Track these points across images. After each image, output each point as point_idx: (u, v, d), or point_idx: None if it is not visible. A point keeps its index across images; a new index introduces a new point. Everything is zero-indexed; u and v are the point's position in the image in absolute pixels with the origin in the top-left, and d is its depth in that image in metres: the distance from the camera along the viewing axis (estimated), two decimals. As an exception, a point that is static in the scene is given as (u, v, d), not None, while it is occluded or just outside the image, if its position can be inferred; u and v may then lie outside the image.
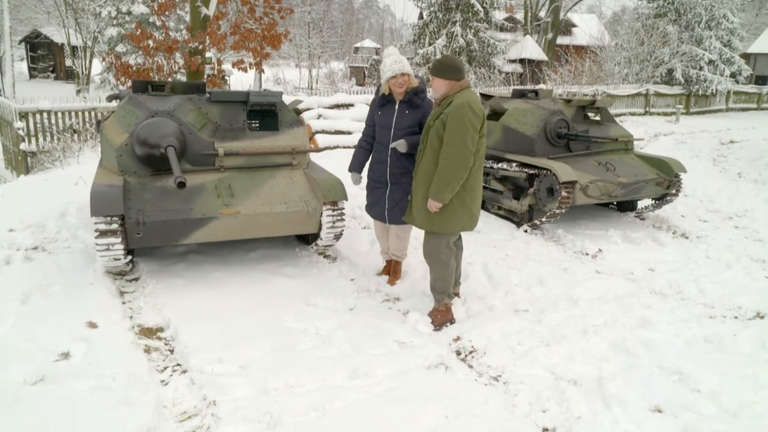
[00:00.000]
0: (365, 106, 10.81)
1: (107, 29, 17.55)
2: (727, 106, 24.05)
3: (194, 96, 4.87)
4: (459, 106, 3.45)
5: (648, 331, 3.88)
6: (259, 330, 3.65)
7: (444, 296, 3.82)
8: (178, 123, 4.54)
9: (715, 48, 22.47)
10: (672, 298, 4.52)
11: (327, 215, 4.60)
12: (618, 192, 5.91)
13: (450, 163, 3.45)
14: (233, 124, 4.89)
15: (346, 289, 4.41)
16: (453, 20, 21.80)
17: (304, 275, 4.60)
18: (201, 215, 4.19)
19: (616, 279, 4.86)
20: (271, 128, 5.16)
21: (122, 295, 4.18)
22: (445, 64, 3.59)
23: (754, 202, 7.86)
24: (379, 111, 4.19)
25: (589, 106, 6.71)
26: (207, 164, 4.62)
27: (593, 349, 3.59)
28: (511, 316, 4.03)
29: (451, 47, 21.33)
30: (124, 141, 4.41)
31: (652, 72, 22.31)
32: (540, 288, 4.58)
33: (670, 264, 5.27)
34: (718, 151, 12.79)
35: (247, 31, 12.40)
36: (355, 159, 4.40)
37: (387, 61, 4.04)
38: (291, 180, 4.79)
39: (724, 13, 22.82)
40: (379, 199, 4.29)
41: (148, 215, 4.06)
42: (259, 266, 4.72)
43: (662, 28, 21.77)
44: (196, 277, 4.43)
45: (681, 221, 6.76)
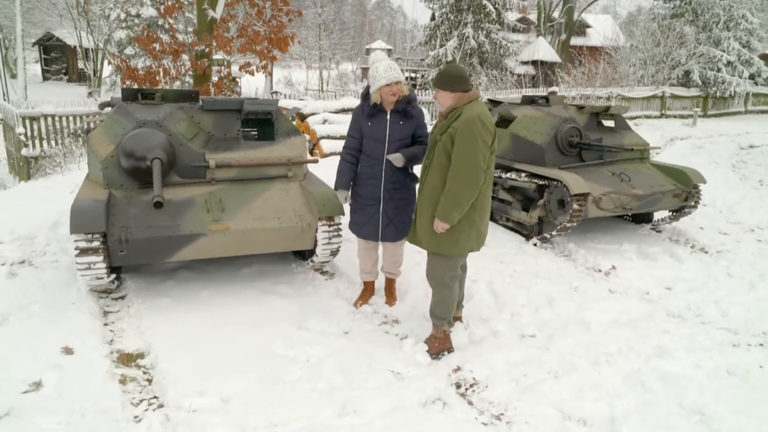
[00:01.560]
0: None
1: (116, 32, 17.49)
2: (745, 109, 23.48)
3: (186, 104, 4.65)
4: (469, 120, 3.18)
5: (665, 361, 3.58)
6: (246, 357, 3.42)
7: (444, 322, 3.56)
8: (167, 133, 4.32)
9: (734, 49, 21.91)
10: (691, 321, 4.22)
11: (323, 231, 4.36)
12: (633, 204, 5.60)
13: (459, 182, 3.18)
14: (227, 134, 4.66)
15: (342, 310, 4.16)
16: (465, 21, 21.49)
17: (298, 294, 4.36)
18: (188, 232, 3.97)
19: (630, 299, 4.56)
20: (266, 138, 4.94)
21: (105, 315, 3.97)
22: (451, 75, 3.33)
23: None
24: (368, 122, 3.89)
25: (602, 113, 6.40)
26: (197, 176, 4.39)
27: (605, 383, 3.31)
28: (517, 343, 3.75)
29: (462, 49, 21.03)
30: (110, 153, 4.20)
31: (669, 74, 21.81)
32: (549, 310, 4.29)
33: (689, 282, 4.96)
34: (738, 157, 12.36)
35: (254, 34, 12.23)
36: (341, 176, 4.00)
37: (379, 67, 3.77)
38: (286, 193, 4.55)
39: (743, 14, 22.26)
40: (370, 218, 3.99)
41: (132, 232, 3.85)
42: (251, 284, 4.49)
43: (679, 28, 21.27)
44: (183, 297, 4.21)
45: (700, 234, 6.42)
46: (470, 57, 21.39)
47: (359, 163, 3.99)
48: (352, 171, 4.00)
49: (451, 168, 3.22)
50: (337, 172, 4.02)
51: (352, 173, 4.00)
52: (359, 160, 4.00)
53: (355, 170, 4.01)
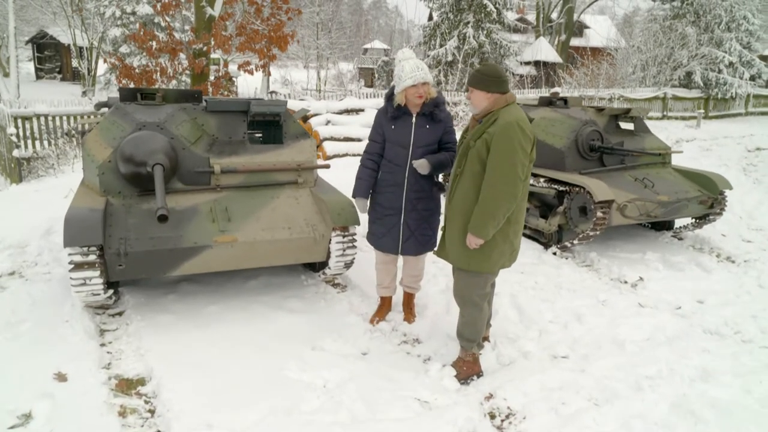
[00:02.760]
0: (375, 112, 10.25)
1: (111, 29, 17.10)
2: (746, 110, 23.33)
3: (188, 105, 4.34)
4: (507, 125, 2.89)
5: (711, 385, 3.30)
6: (257, 383, 3.11)
7: (473, 345, 3.26)
8: (169, 136, 4.01)
9: (735, 50, 21.75)
10: (731, 339, 3.94)
11: (336, 242, 4.05)
12: (658, 212, 5.33)
13: (496, 193, 2.89)
14: (232, 137, 4.35)
15: (358, 328, 3.85)
16: (465, 21, 21.19)
17: (310, 310, 4.05)
18: (193, 244, 3.66)
19: (662, 314, 4.28)
20: (274, 141, 4.63)
21: (102, 334, 3.66)
22: (488, 74, 3.03)
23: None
24: (392, 125, 3.60)
25: (622, 115, 6.13)
26: (201, 183, 4.08)
27: (652, 412, 3.02)
28: (550, 365, 3.46)
29: (463, 49, 20.75)
30: (107, 157, 3.89)
31: (670, 75, 21.62)
32: (578, 326, 4.01)
33: (721, 295, 4.69)
34: (747, 160, 12.14)
35: (253, 32, 11.90)
36: (360, 183, 3.70)
37: (406, 67, 3.47)
38: (296, 200, 4.25)
39: (744, 15, 22.10)
40: (390, 229, 3.69)
41: (132, 245, 3.53)
42: (258, 298, 4.18)
43: (681, 29, 21.08)
44: (186, 313, 3.90)
45: (723, 241, 6.16)
46: (470, 57, 21.11)
47: (380, 169, 3.70)
48: (372, 178, 3.70)
49: (486, 177, 2.93)
50: (356, 179, 3.72)
51: (372, 180, 3.71)
52: (380, 166, 3.70)
53: (376, 177, 3.71)
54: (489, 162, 2.92)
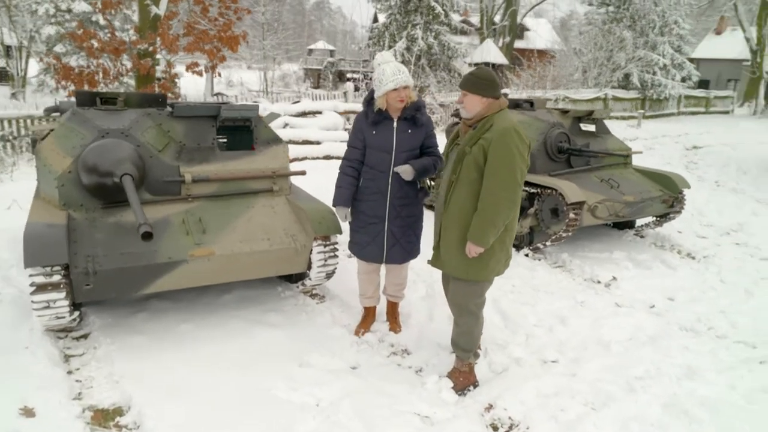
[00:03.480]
0: (333, 114, 10.10)
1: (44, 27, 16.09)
2: (678, 110, 24.56)
3: (153, 110, 4.08)
4: (504, 131, 2.83)
5: (698, 383, 3.37)
6: (247, 406, 2.93)
7: (469, 355, 3.19)
8: (135, 144, 3.75)
9: (668, 53, 22.89)
10: (706, 335, 4.06)
11: (318, 252, 3.90)
12: (625, 212, 5.45)
13: (496, 200, 2.83)
14: (200, 144, 4.12)
15: (344, 340, 3.72)
16: (413, 22, 21.30)
17: (291, 324, 3.88)
18: (167, 259, 3.42)
19: (639, 313, 4.37)
20: (244, 147, 4.43)
21: (67, 360, 3.36)
22: (483, 78, 2.96)
23: (743, 214, 7.62)
24: (373, 130, 3.47)
25: (585, 117, 6.26)
26: (171, 193, 3.84)
27: (647, 414, 3.05)
28: (542, 371, 3.44)
29: (413, 50, 20.84)
30: (67, 167, 3.58)
31: (610, 76, 22.51)
32: (562, 328, 4.03)
33: (689, 292, 4.84)
34: (687, 158, 12.76)
35: (201, 32, 11.48)
36: (341, 191, 3.55)
37: (387, 70, 3.37)
38: (272, 209, 4.06)
39: (675, 20, 23.27)
40: (374, 237, 3.57)
41: (101, 262, 3.26)
42: (235, 313, 3.97)
43: (619, 33, 21.97)
44: (159, 333, 3.64)
45: (680, 238, 6.39)
46: (419, 59, 21.24)
47: (361, 176, 3.57)
48: (353, 185, 3.56)
49: (485, 185, 2.87)
50: (336, 187, 3.58)
51: (354, 188, 3.57)
52: (360, 173, 3.57)
53: (357, 184, 3.58)
54: (488, 169, 2.86)
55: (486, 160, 2.89)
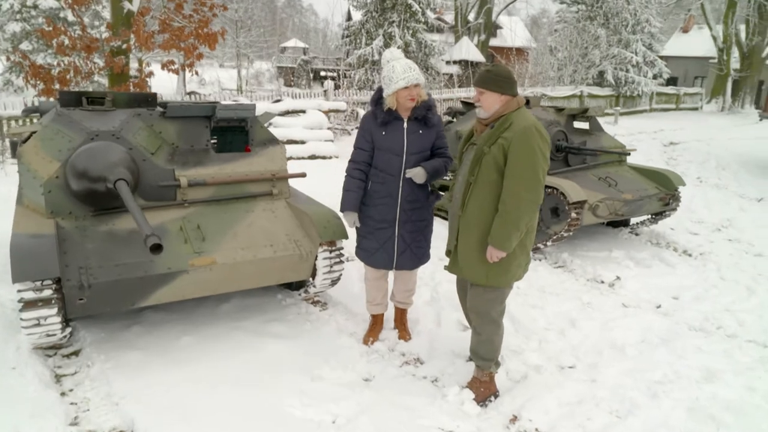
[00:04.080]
0: (317, 112, 9.89)
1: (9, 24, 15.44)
2: (650, 107, 24.97)
3: (143, 111, 3.84)
4: (526, 130, 2.71)
5: (718, 386, 3.31)
6: (262, 425, 2.75)
7: (490, 364, 3.07)
8: (127, 147, 3.51)
9: (640, 51, 23.25)
10: (716, 335, 4.02)
11: (323, 258, 3.73)
12: (623, 210, 5.41)
13: (519, 202, 2.70)
14: (194, 146, 3.90)
15: (353, 350, 3.55)
16: (390, 20, 21.15)
17: (296, 334, 3.69)
18: (166, 269, 3.20)
19: (646, 314, 4.31)
20: (241, 149, 4.22)
21: (59, 381, 3.12)
22: (501, 74, 2.84)
23: (731, 210, 7.69)
24: (382, 131, 3.30)
25: (579, 115, 6.20)
26: (166, 198, 3.61)
27: (673, 420, 2.97)
28: (561, 378, 3.34)
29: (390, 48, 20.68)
30: (54, 173, 3.33)
31: (585, 73, 22.75)
32: (574, 332, 3.94)
33: (692, 290, 4.81)
34: (667, 154, 12.91)
35: (178, 30, 11.12)
36: (349, 195, 3.37)
37: (397, 67, 3.22)
38: (273, 214, 3.87)
39: (647, 18, 23.66)
40: (384, 243, 3.41)
41: (95, 274, 3.03)
42: (236, 324, 3.76)
43: (594, 31, 22.21)
44: (157, 348, 3.42)
45: (673, 235, 6.40)
46: (397, 56, 21.09)
47: (369, 179, 3.41)
48: (361, 189, 3.39)
49: (507, 185, 2.74)
50: (344, 191, 3.41)
51: (362, 191, 3.40)
52: (368, 176, 3.41)
53: (364, 187, 3.41)
54: (509, 169, 2.74)
55: (506, 160, 2.77)
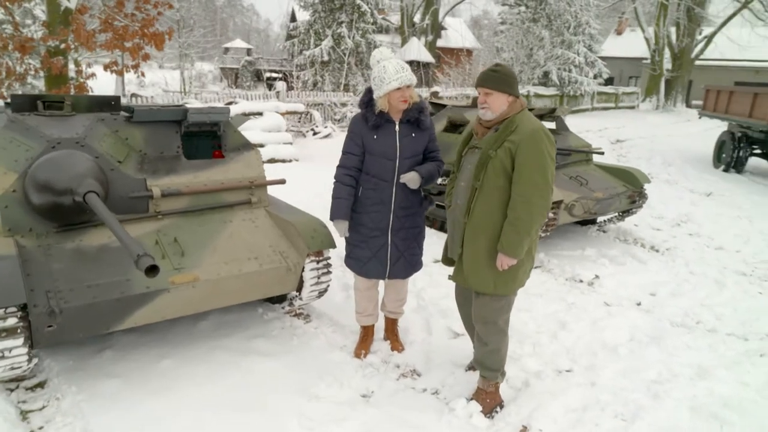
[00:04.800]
0: (275, 115, 9.59)
1: (-72, 23, 14.24)
2: (592, 106, 25.85)
3: (107, 115, 3.53)
4: (534, 132, 2.62)
5: (712, 382, 3.35)
6: (261, 456, 2.54)
7: (497, 374, 2.97)
8: (93, 155, 3.21)
9: (582, 52, 24.04)
10: (698, 331, 4.08)
11: (311, 269, 3.54)
12: (595, 208, 5.47)
13: (530, 208, 2.61)
14: (164, 152, 3.62)
15: (347, 365, 3.38)
16: (339, 20, 20.95)
17: (285, 351, 3.48)
18: (145, 289, 2.93)
19: (629, 312, 4.34)
20: (208, 155, 3.96)
21: (26, 418, 2.79)
22: (507, 74, 2.74)
23: (685, 205, 7.98)
24: (374, 134, 3.14)
25: (547, 115, 6.24)
26: (138, 210, 3.32)
27: (679, 421, 2.96)
28: (562, 383, 3.28)
29: (339, 49, 20.50)
30: (10, 186, 2.99)
31: (531, 74, 23.30)
32: (565, 334, 3.91)
33: (666, 286, 4.90)
34: (616, 151, 13.31)
35: (121, 29, 10.54)
36: (340, 203, 3.19)
37: (388, 67, 3.06)
38: (253, 223, 3.64)
39: (587, 20, 24.48)
40: (376, 252, 3.25)
41: (66, 298, 2.73)
42: (218, 343, 3.51)
43: (538, 32, 22.77)
44: (135, 375, 3.13)
45: (638, 231, 6.55)
46: (347, 57, 20.94)
47: (360, 185, 3.24)
48: (351, 196, 3.22)
49: (517, 191, 2.64)
50: (334, 198, 3.22)
51: (352, 198, 3.23)
52: (358, 182, 3.25)
53: (355, 194, 3.25)
54: (519, 174, 2.64)
55: (513, 165, 2.68)
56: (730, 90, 11.74)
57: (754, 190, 9.54)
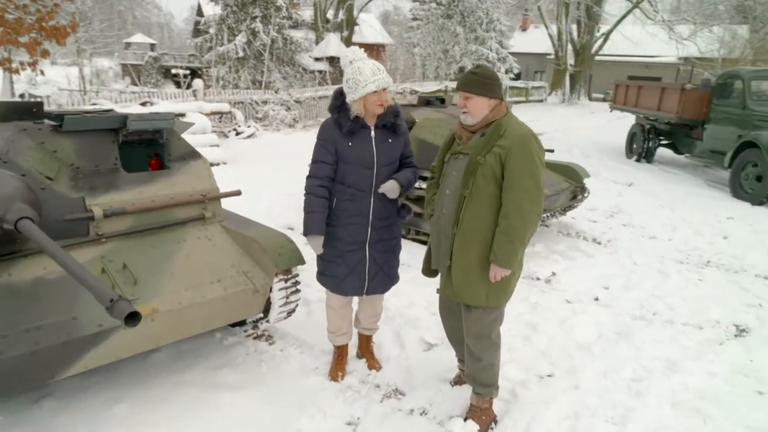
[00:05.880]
0: (199, 116, 9.00)
1: None
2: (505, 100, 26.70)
3: (29, 124, 3.02)
4: (524, 137, 2.51)
5: (684, 375, 3.43)
6: None
7: (492, 389, 2.84)
8: (19, 173, 2.73)
9: (494, 47, 24.79)
10: (657, 322, 4.20)
11: (279, 288, 3.24)
12: (545, 205, 5.51)
13: (524, 215, 2.49)
14: (99, 165, 3.16)
15: (326, 391, 3.12)
16: (253, 15, 20.20)
17: (255, 381, 3.16)
18: (97, 328, 2.52)
19: (590, 308, 4.40)
20: (143, 167, 3.55)
21: (-46, 495, 2.32)
22: (489, 77, 2.60)
23: (612, 196, 8.35)
24: (349, 141, 2.91)
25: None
26: (77, 234, 2.88)
27: (665, 420, 2.99)
28: (548, 390, 3.22)
29: (254, 45, 19.76)
30: None
31: (447, 69, 23.71)
32: (537, 336, 3.87)
33: (616, 279, 5.03)
34: (537, 145, 13.76)
35: (15, 22, 9.47)
36: (314, 217, 2.90)
37: (364, 69, 2.83)
38: (210, 242, 3.28)
39: (498, 17, 25.27)
40: (354, 267, 3.02)
41: (1, 347, 2.28)
42: (179, 378, 3.13)
43: (453, 28, 23.19)
44: (83, 426, 2.70)
45: (578, 224, 6.74)
46: (263, 54, 20.24)
47: (334, 196, 3.00)
48: (326, 208, 2.96)
49: (509, 198, 2.51)
50: (307, 212, 2.94)
51: (326, 211, 2.98)
52: (331, 193, 3.00)
53: (329, 206, 3.00)
54: (511, 181, 2.51)
55: (503, 170, 2.55)
56: (639, 85, 12.47)
57: (666, 178, 10.19)
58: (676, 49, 28.17)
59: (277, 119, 13.99)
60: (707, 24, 28.99)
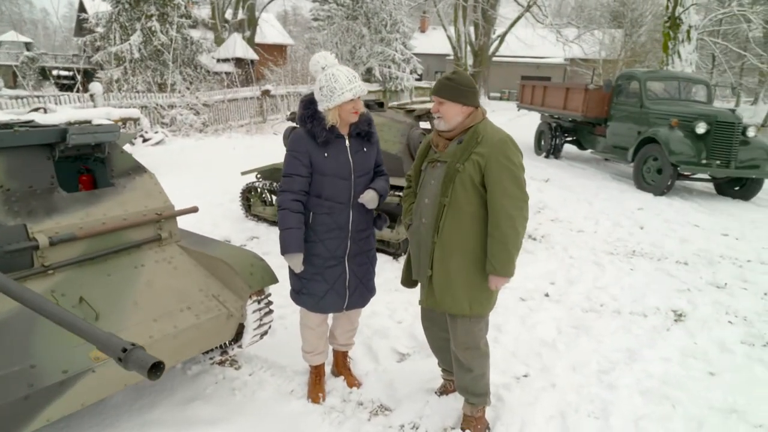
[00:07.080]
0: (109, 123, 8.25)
1: None
2: (411, 100, 27.19)
3: (-54, 141, 2.59)
4: (502, 143, 2.49)
5: (642, 363, 3.62)
6: None
7: (485, 398, 2.82)
8: (-53, 200, 2.32)
9: (399, 48, 25.17)
10: (606, 314, 4.42)
11: (252, 310, 3.02)
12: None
13: (514, 222, 2.48)
14: (34, 186, 2.78)
15: (309, 416, 2.95)
16: (148, 14, 19.01)
17: (230, 412, 2.92)
18: (62, 375, 2.19)
19: (544, 304, 4.54)
20: (74, 186, 3.19)
21: None
22: (464, 84, 2.56)
23: (534, 192, 8.67)
24: (325, 152, 2.77)
25: (425, 115, 6.27)
26: (18, 267, 2.50)
27: (637, 408, 3.13)
28: (530, 390, 3.26)
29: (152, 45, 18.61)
30: None
31: (356, 70, 23.70)
32: (504, 337, 3.94)
33: (558, 273, 5.25)
34: (451, 144, 14.12)
35: None
36: (292, 233, 2.73)
37: (340, 77, 2.71)
38: (170, 264, 2.99)
39: (401, 18, 25.68)
40: (334, 283, 2.88)
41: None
42: (146, 418, 2.82)
43: (359, 29, 23.23)
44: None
45: (509, 222, 6.95)
46: (161, 54, 19.12)
47: (310, 210, 2.84)
48: (302, 224, 2.79)
49: (496, 206, 2.48)
50: (283, 229, 2.75)
51: (304, 227, 2.81)
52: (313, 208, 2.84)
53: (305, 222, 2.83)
54: (496, 189, 2.48)
55: (482, 178, 2.53)
56: (544, 85, 13.18)
57: (577, 173, 10.84)
58: (563, 50, 30.23)
59: (185, 124, 13.26)
60: (589, 28, 31.39)
